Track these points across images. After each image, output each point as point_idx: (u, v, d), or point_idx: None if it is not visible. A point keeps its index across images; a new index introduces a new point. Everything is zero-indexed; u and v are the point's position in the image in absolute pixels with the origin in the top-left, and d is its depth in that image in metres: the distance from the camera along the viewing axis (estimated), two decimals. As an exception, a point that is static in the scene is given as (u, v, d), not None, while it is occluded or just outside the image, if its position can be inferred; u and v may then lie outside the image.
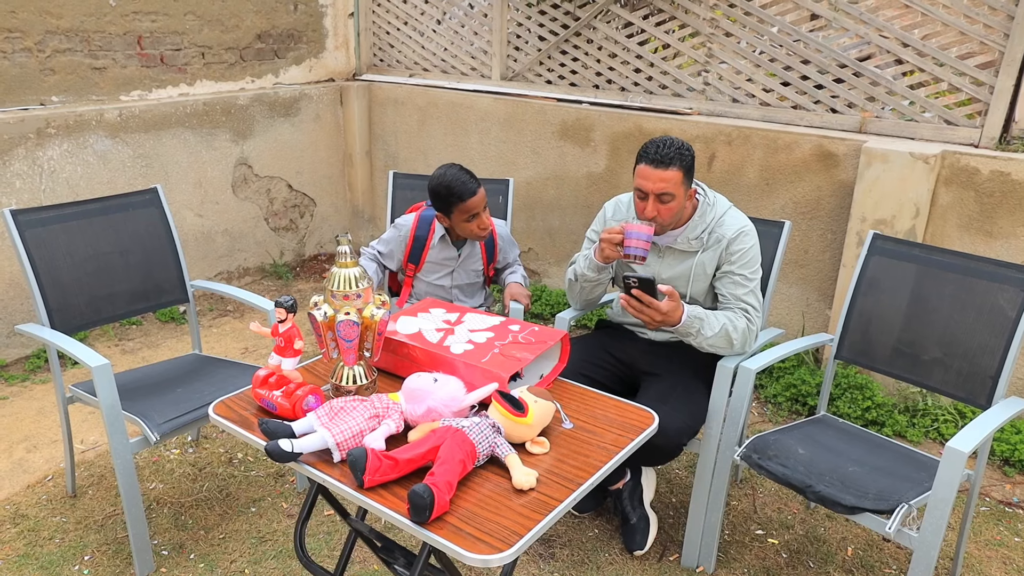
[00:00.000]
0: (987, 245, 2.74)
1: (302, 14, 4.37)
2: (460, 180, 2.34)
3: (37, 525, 2.28)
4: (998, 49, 2.71)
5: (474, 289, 2.65)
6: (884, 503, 1.76)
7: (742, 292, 2.08)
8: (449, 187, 2.33)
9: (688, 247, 2.10)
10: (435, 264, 2.55)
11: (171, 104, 3.71)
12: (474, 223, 2.39)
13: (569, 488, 1.35)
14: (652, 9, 3.50)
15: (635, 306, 1.95)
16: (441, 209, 2.40)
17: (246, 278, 4.30)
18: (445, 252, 2.53)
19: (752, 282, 2.09)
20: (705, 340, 2.02)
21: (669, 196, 1.99)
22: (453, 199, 2.34)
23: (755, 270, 2.10)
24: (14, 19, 3.18)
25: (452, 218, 2.39)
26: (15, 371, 3.24)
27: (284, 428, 1.41)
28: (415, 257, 2.55)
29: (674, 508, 2.45)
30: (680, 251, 2.12)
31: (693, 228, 2.09)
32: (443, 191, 2.35)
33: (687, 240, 2.10)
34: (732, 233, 2.07)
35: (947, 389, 2.07)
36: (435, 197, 2.38)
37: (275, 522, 2.33)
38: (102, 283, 2.35)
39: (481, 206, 2.37)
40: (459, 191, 2.33)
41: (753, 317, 2.08)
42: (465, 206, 2.35)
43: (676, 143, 2.00)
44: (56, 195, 3.33)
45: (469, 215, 2.37)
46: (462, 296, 2.62)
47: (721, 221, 2.09)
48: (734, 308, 2.08)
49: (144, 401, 2.11)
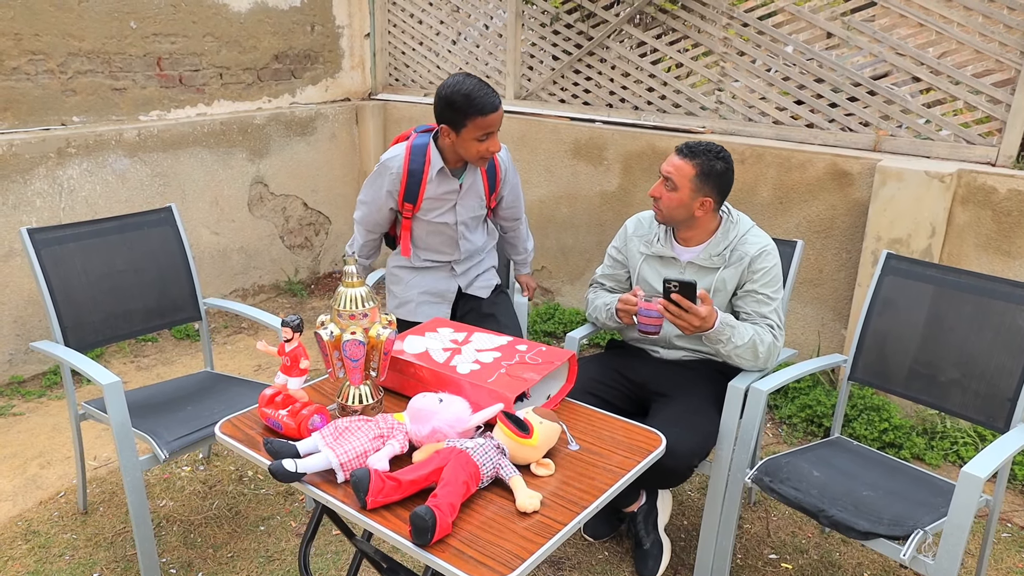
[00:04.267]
0: (1006, 265, 2.70)
1: (319, 35, 4.44)
2: (482, 91, 2.04)
3: (48, 542, 2.30)
4: (1014, 67, 2.69)
5: (477, 222, 2.42)
6: (899, 528, 1.73)
7: (766, 310, 2.08)
8: (469, 96, 2.04)
9: (710, 263, 2.10)
10: (434, 200, 2.27)
11: (189, 124, 3.77)
12: (485, 143, 2.12)
13: (574, 511, 1.33)
14: (665, 29, 3.51)
15: (674, 311, 1.94)
16: (450, 121, 2.10)
17: (261, 295, 4.34)
18: (445, 185, 2.26)
19: (775, 300, 2.09)
20: (734, 349, 2.01)
21: (672, 184, 2.02)
22: (472, 111, 2.05)
23: (778, 288, 2.10)
24: (38, 42, 3.25)
25: (462, 133, 2.10)
26: (32, 387, 3.29)
27: (289, 448, 1.41)
28: (411, 195, 2.25)
29: (685, 531, 2.42)
30: (701, 266, 2.11)
31: (716, 244, 2.09)
32: (460, 100, 2.05)
33: (709, 256, 2.10)
34: (755, 251, 2.07)
35: (964, 412, 2.04)
36: (448, 106, 2.07)
37: (283, 541, 2.32)
38: (117, 300, 2.37)
39: (497, 125, 2.11)
40: (480, 103, 2.04)
41: (778, 334, 2.08)
42: (483, 121, 2.06)
43: (712, 148, 2.03)
44: (75, 213, 3.39)
45: (484, 133, 2.09)
46: (468, 233, 2.38)
47: (744, 239, 2.09)
48: (760, 324, 2.08)
49: (155, 418, 2.13)
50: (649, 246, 2.18)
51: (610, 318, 2.20)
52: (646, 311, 1.99)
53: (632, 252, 2.24)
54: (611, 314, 2.18)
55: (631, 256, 2.24)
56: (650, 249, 2.18)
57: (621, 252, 2.28)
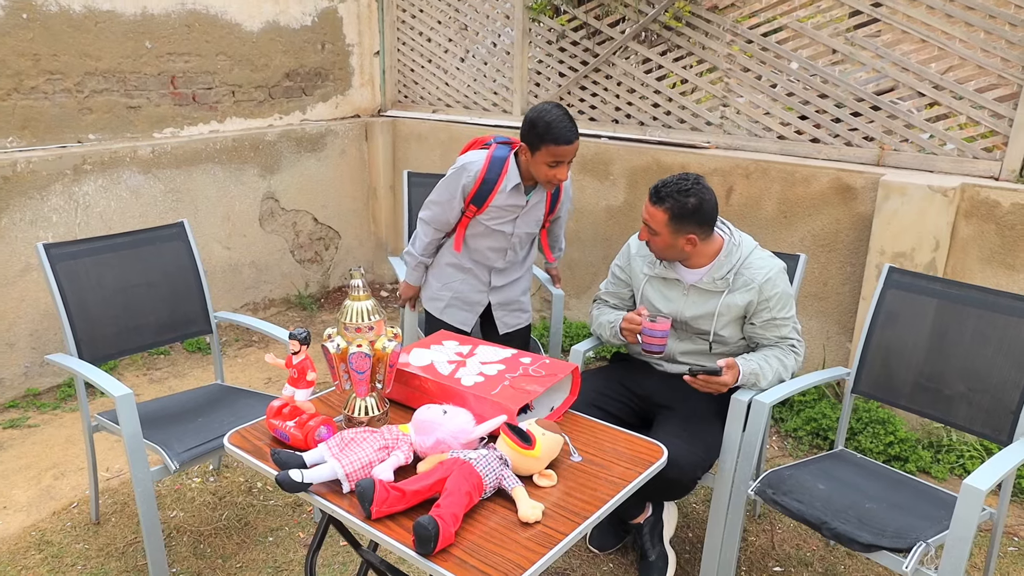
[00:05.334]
0: (1010, 278, 2.70)
1: (329, 53, 4.52)
2: (564, 122, 2.20)
3: (61, 552, 2.33)
4: (1017, 82, 2.71)
5: (529, 239, 2.55)
6: (901, 541, 1.73)
7: (785, 331, 2.12)
8: (550, 124, 2.19)
9: (713, 287, 2.10)
10: (500, 209, 2.39)
11: (202, 140, 3.85)
12: (555, 170, 2.26)
13: (576, 522, 1.34)
14: (670, 45, 3.55)
15: (700, 386, 2.01)
16: (529, 141, 2.25)
17: (272, 309, 4.39)
18: (514, 199, 2.39)
19: (791, 318, 2.13)
20: (767, 385, 2.08)
21: (652, 231, 2.07)
22: (548, 138, 2.19)
23: (790, 306, 2.13)
24: (56, 61, 3.34)
25: (536, 156, 2.25)
26: (47, 399, 3.34)
27: (295, 458, 1.44)
28: (480, 200, 2.38)
29: (690, 543, 2.42)
30: (704, 290, 2.12)
31: (719, 268, 2.10)
32: (542, 126, 2.20)
33: (712, 280, 2.10)
34: (761, 278, 2.07)
35: (968, 425, 2.04)
36: (531, 128, 2.23)
37: (291, 551, 2.35)
38: (130, 314, 2.42)
39: (569, 157, 2.25)
40: (557, 132, 2.18)
41: (798, 348, 2.15)
42: (557, 150, 2.21)
43: (680, 187, 2.02)
44: (90, 229, 3.45)
45: (555, 160, 2.23)
46: (519, 248, 2.52)
47: (748, 263, 2.09)
48: (780, 346, 2.12)
49: (166, 430, 2.16)
50: (653, 267, 2.20)
51: (614, 335, 2.22)
52: (650, 331, 2.02)
53: (635, 272, 2.26)
54: (615, 332, 2.21)
55: (635, 276, 2.26)
56: (653, 270, 2.20)
57: (624, 271, 2.30)
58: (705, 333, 2.13)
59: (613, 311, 2.30)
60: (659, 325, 2.01)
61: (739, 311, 2.10)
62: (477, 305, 2.55)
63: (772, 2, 3.18)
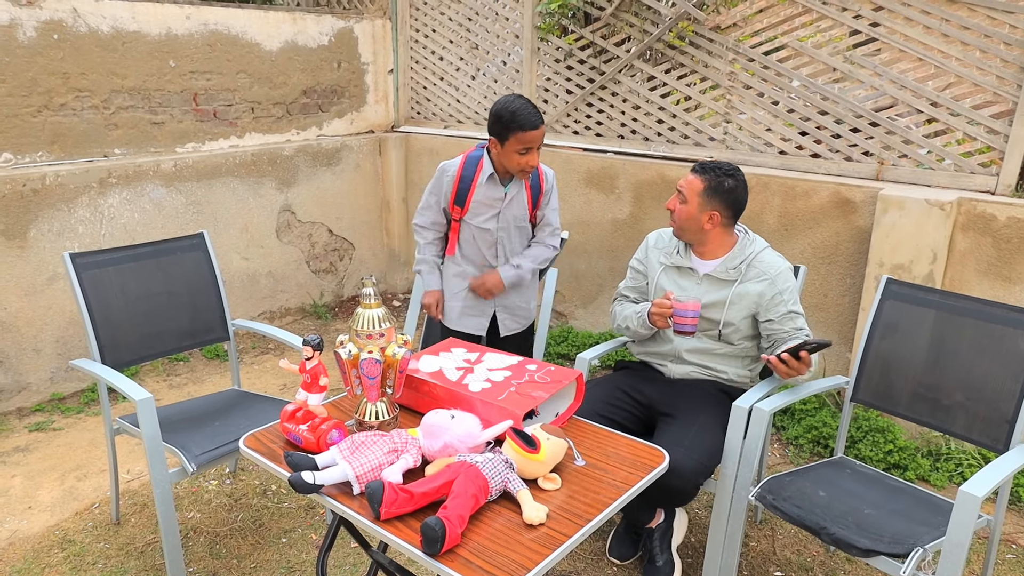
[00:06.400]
0: (1006, 290, 2.75)
1: (345, 71, 4.64)
2: (527, 110, 2.29)
3: (82, 551, 2.42)
4: (1011, 99, 2.77)
5: (522, 234, 2.59)
6: (899, 546, 1.76)
7: (800, 322, 2.21)
8: (514, 113, 2.28)
9: (726, 276, 2.22)
10: (481, 204, 2.48)
11: (222, 155, 3.97)
12: (525, 157, 2.34)
13: (579, 524, 1.38)
14: (674, 64, 3.64)
15: (794, 366, 2.01)
16: (497, 134, 2.34)
17: (287, 318, 4.49)
18: (492, 191, 2.47)
19: (802, 313, 2.23)
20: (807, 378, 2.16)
21: (683, 197, 2.19)
22: (515, 126, 2.29)
23: (799, 300, 2.24)
24: (84, 80, 3.47)
25: (505, 146, 2.34)
26: (71, 403, 3.45)
27: (308, 461, 1.47)
28: (461, 198, 2.49)
29: (692, 548, 2.47)
30: (718, 279, 2.23)
31: (732, 259, 2.22)
32: (507, 115, 2.29)
33: (726, 269, 2.22)
34: (774, 271, 2.19)
35: (965, 433, 2.07)
36: (496, 120, 2.33)
37: (304, 552, 2.42)
38: (151, 321, 2.50)
39: (537, 143, 2.33)
40: (523, 119, 2.28)
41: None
42: (524, 136, 2.29)
43: (724, 167, 2.18)
44: (114, 239, 3.57)
45: (524, 147, 2.32)
46: (508, 242, 2.56)
47: (760, 257, 2.21)
48: (800, 338, 2.19)
49: (184, 433, 2.24)
50: (669, 257, 2.31)
51: (642, 325, 2.27)
52: (681, 311, 2.07)
53: (652, 263, 2.36)
54: (643, 320, 2.26)
55: (651, 266, 2.36)
56: (670, 260, 2.30)
57: (642, 263, 2.40)
58: (714, 322, 2.21)
59: (634, 305, 2.38)
60: (690, 305, 2.06)
61: (751, 302, 2.18)
62: (487, 307, 2.62)
63: (773, 22, 3.26)
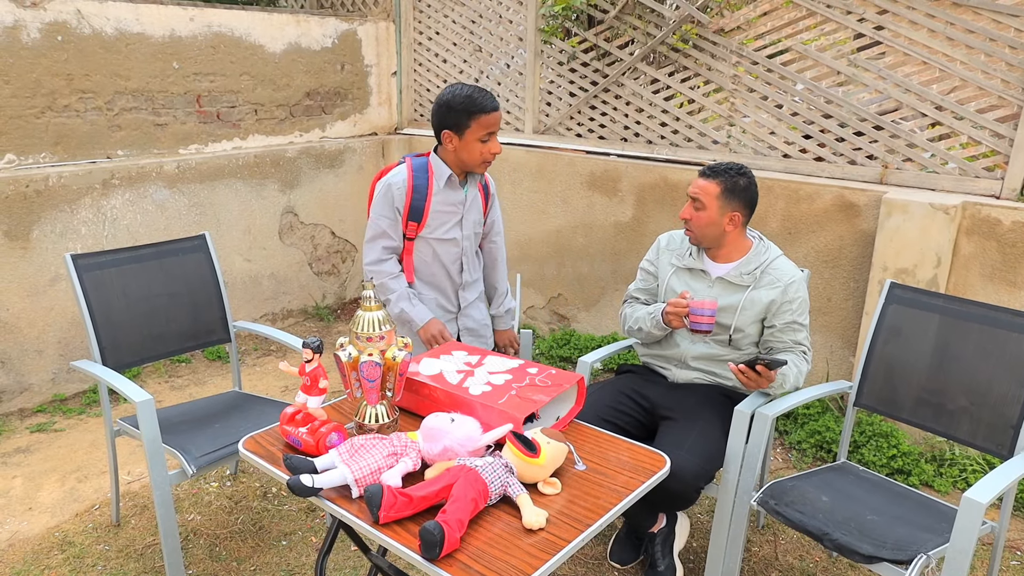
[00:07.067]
0: (1011, 295, 2.73)
1: (348, 73, 4.64)
2: (480, 92, 2.10)
3: (82, 552, 2.42)
4: (1017, 103, 2.75)
5: (477, 242, 2.38)
6: (902, 553, 1.75)
7: (800, 336, 2.20)
8: (470, 97, 2.09)
9: (740, 280, 2.21)
10: (441, 213, 2.24)
11: (225, 157, 3.97)
12: (488, 144, 2.15)
13: (579, 529, 1.37)
14: (677, 67, 3.63)
15: (752, 378, 2.02)
16: (454, 124, 2.12)
17: (290, 320, 4.49)
18: (453, 195, 2.25)
19: (806, 325, 2.21)
20: (778, 393, 2.15)
21: (700, 204, 2.16)
22: (475, 109, 2.09)
23: (807, 314, 2.23)
24: (88, 81, 3.48)
25: (466, 135, 2.13)
26: (73, 405, 3.45)
27: (307, 464, 1.47)
28: (417, 212, 2.22)
29: (694, 552, 2.46)
30: (731, 283, 2.22)
31: (746, 264, 2.21)
32: (461, 102, 2.09)
33: (739, 274, 2.21)
34: (787, 279, 2.18)
35: (969, 439, 2.06)
36: (448, 110, 2.11)
37: (304, 555, 2.42)
38: (152, 323, 2.50)
39: (498, 125, 2.15)
40: (482, 102, 2.09)
41: (808, 357, 2.22)
42: (486, 119, 2.10)
43: (733, 166, 2.16)
44: (117, 240, 3.58)
45: (487, 132, 2.12)
46: (471, 252, 2.34)
47: (774, 264, 2.20)
48: (795, 351, 2.19)
49: (184, 435, 2.24)
50: (681, 259, 2.30)
51: (655, 325, 2.25)
52: (698, 310, 2.06)
53: (663, 264, 2.35)
54: (657, 321, 2.24)
55: (661, 268, 2.35)
56: (682, 262, 2.29)
57: (653, 264, 2.39)
58: (725, 327, 2.20)
59: (646, 306, 2.36)
60: (707, 304, 2.05)
61: (762, 308, 2.17)
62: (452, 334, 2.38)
63: (777, 25, 3.26)
